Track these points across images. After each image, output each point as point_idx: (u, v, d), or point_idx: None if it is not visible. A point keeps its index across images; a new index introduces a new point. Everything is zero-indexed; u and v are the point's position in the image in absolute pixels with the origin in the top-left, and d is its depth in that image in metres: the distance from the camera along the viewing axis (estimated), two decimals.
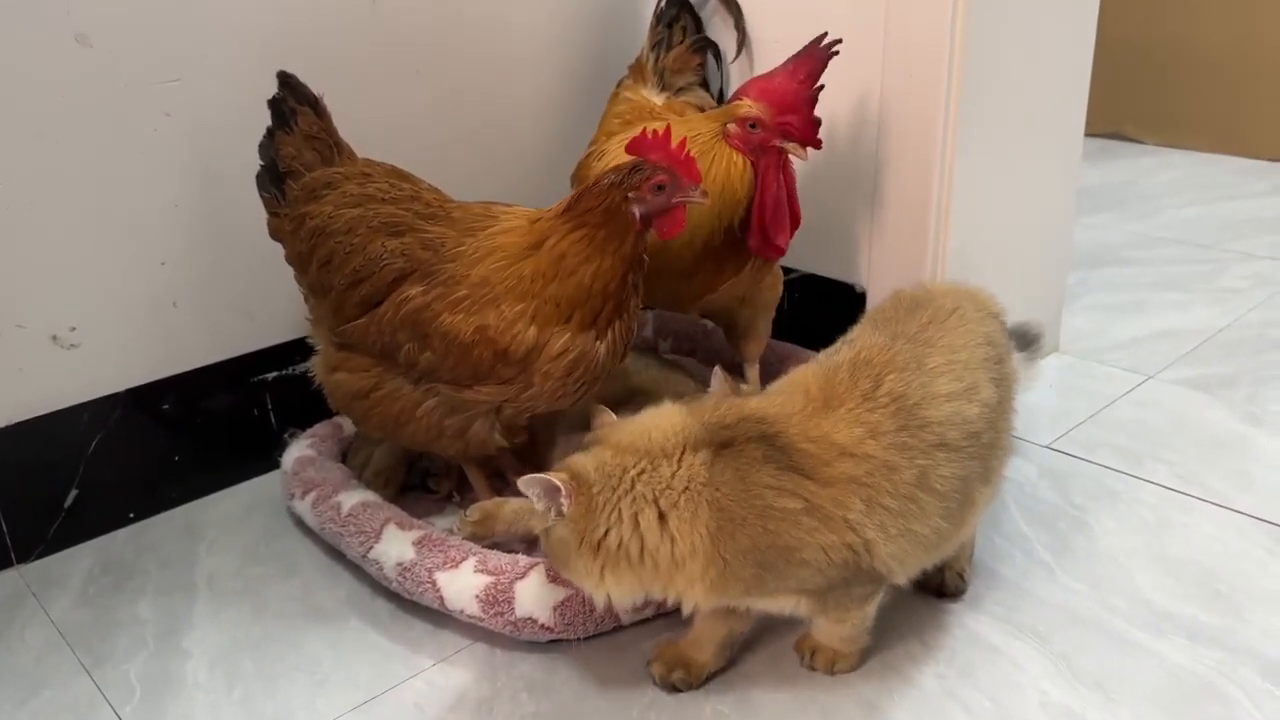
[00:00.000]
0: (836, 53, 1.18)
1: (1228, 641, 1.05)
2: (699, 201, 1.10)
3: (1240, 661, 1.02)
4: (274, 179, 1.22)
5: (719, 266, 1.27)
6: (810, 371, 0.99)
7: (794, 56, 1.20)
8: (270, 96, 1.21)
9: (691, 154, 1.11)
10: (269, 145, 1.22)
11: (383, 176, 1.20)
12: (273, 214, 1.24)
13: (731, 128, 1.20)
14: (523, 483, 0.91)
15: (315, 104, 1.22)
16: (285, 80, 1.21)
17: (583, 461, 0.93)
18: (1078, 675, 1.01)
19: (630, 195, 1.08)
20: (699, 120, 1.26)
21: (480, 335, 1.10)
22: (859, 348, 0.99)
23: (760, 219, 1.23)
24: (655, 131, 1.11)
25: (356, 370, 1.19)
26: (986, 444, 0.98)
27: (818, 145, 1.18)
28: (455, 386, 1.14)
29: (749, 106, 1.18)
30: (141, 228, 1.29)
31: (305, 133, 1.21)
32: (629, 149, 1.14)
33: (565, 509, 0.90)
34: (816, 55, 1.18)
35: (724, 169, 1.20)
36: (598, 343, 1.11)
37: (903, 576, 0.97)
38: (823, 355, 1.02)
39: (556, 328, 1.09)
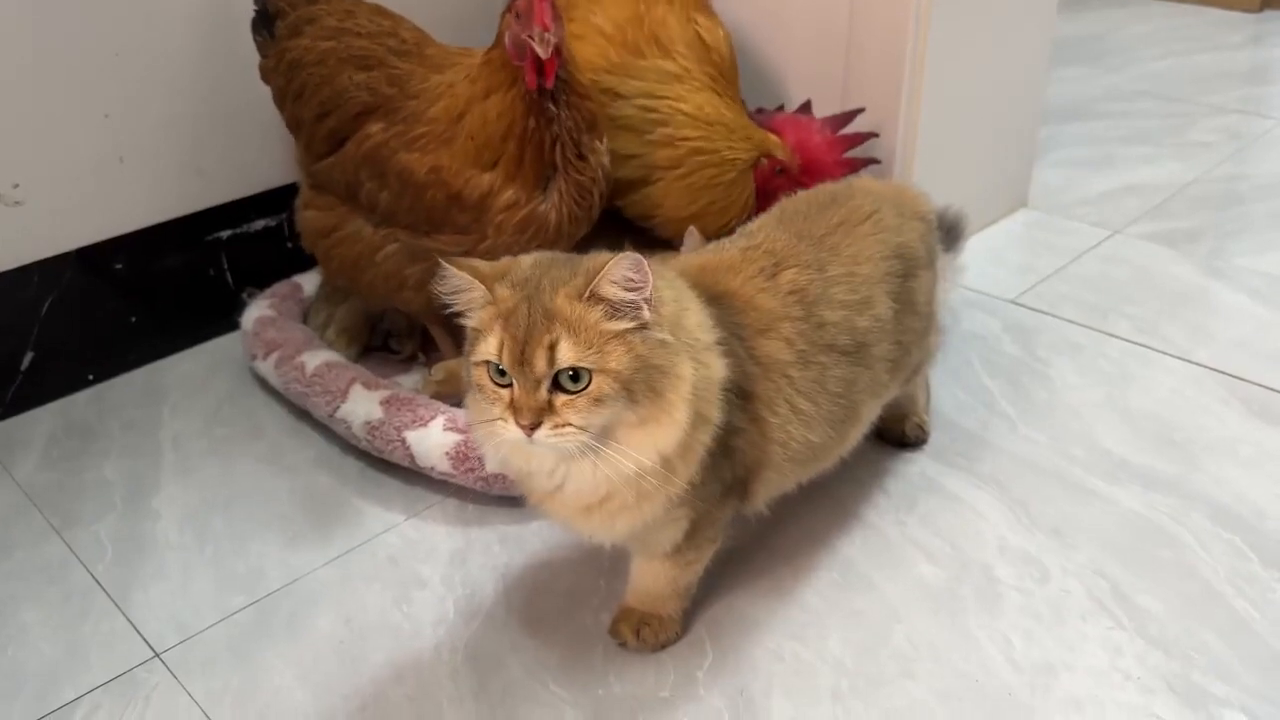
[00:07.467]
0: None
1: (1181, 488, 1.08)
2: (536, 45, 1.01)
3: (1192, 507, 1.05)
4: (265, 22, 1.22)
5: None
6: (690, 257, 0.94)
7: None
8: None
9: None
10: None
11: (365, 14, 1.19)
12: (264, 57, 1.23)
13: None
14: (627, 263, 0.71)
15: None
16: None
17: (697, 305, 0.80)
18: (1035, 522, 1.04)
19: (506, 16, 1.05)
20: None
21: (434, 176, 1.09)
22: (759, 240, 0.93)
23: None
24: None
25: (323, 208, 1.19)
26: (879, 357, 0.94)
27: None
28: (414, 233, 1.13)
29: None
30: (81, 77, 1.22)
31: None
32: None
33: (647, 318, 0.73)
34: None
35: None
36: (544, 204, 1.08)
37: (762, 501, 0.92)
38: (712, 246, 0.95)
39: (503, 178, 1.07)
